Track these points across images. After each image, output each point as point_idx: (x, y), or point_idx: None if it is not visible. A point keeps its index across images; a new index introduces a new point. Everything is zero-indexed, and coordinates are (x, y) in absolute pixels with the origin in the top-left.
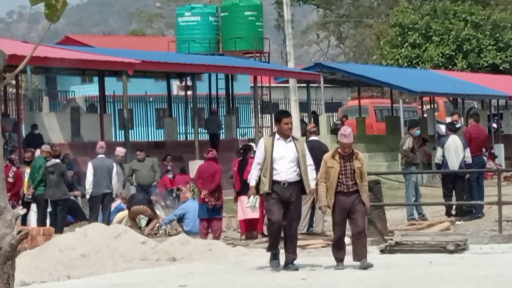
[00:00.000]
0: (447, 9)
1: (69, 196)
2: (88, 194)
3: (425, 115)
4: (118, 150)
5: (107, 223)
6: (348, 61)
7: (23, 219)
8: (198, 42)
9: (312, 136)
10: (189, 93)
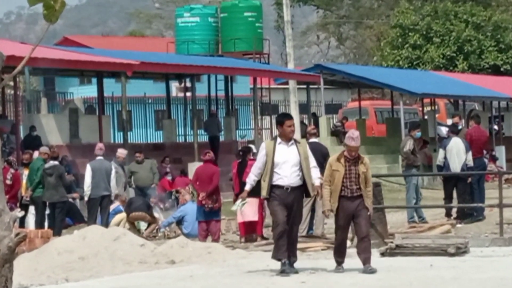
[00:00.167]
0: (448, 10)
1: (67, 198)
2: (86, 196)
3: (426, 117)
4: (119, 151)
5: (106, 226)
6: (348, 62)
7: (21, 222)
8: (197, 43)
9: (312, 138)
10: (188, 94)
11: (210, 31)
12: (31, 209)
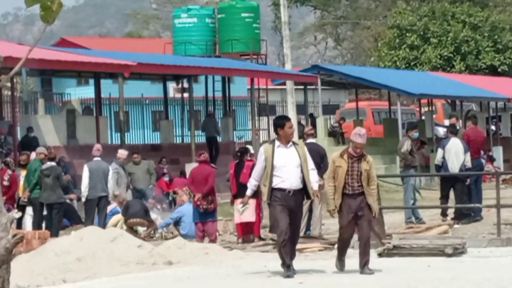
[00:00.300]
0: (445, 10)
1: (65, 199)
2: (83, 197)
3: (423, 118)
4: (120, 152)
5: (103, 227)
6: (345, 63)
7: (18, 223)
8: (194, 44)
9: (309, 138)
10: (186, 95)
11: (207, 32)
12: (29, 210)
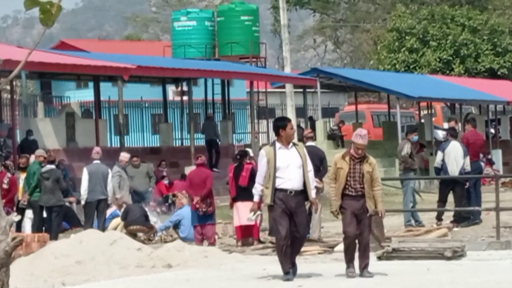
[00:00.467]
0: (445, 13)
1: (64, 202)
2: (83, 200)
3: (423, 121)
4: (122, 155)
5: (102, 230)
6: (345, 66)
7: (18, 226)
8: (194, 47)
9: (308, 141)
10: (185, 98)
11: (206, 35)
12: (28, 213)
